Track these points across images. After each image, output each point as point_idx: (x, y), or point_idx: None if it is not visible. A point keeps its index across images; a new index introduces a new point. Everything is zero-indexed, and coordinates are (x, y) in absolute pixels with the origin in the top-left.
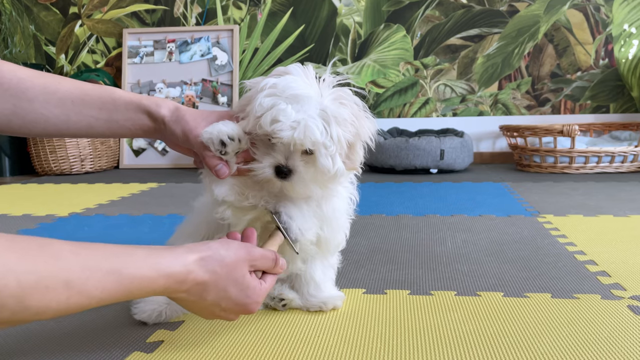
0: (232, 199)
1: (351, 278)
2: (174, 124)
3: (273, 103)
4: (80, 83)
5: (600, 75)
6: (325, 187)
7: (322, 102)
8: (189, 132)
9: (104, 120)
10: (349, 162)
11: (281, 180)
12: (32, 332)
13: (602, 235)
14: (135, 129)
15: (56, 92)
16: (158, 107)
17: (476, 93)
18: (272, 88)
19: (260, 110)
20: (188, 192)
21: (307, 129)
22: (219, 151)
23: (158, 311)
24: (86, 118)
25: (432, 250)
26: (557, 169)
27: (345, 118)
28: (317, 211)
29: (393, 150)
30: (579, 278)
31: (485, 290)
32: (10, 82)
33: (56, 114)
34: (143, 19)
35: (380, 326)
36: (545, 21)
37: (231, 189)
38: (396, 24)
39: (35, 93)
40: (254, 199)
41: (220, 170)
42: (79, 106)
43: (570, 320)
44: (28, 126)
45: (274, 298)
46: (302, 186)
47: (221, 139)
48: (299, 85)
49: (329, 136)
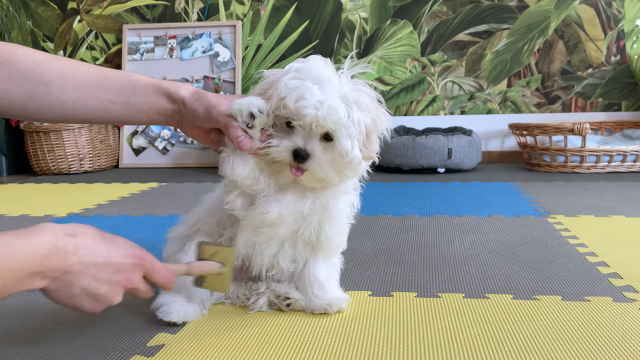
0: (249, 183)
1: (357, 280)
2: (195, 102)
3: (298, 84)
4: (98, 67)
5: (612, 72)
6: (341, 175)
7: (341, 88)
8: (212, 107)
9: (121, 103)
10: (365, 150)
11: (299, 163)
12: (29, 336)
13: (614, 236)
14: (152, 112)
15: (73, 76)
16: (178, 88)
17: (485, 90)
18: (296, 72)
19: (285, 91)
20: (189, 192)
21: (330, 108)
22: (246, 124)
23: (184, 311)
24: (103, 102)
25: (439, 252)
26: (568, 169)
27: (365, 103)
28: (322, 211)
29: (399, 149)
30: (590, 280)
31: (494, 293)
32: (26, 66)
33: (72, 98)
34: (143, 14)
35: (386, 329)
36: (555, 17)
37: (251, 173)
38: (403, 20)
39: (51, 77)
40: (263, 184)
41: (242, 142)
42: (96, 90)
43: (581, 323)
44: (44, 110)
45: (279, 296)
46: (319, 170)
47: (251, 111)
48: (322, 69)
49: (350, 118)
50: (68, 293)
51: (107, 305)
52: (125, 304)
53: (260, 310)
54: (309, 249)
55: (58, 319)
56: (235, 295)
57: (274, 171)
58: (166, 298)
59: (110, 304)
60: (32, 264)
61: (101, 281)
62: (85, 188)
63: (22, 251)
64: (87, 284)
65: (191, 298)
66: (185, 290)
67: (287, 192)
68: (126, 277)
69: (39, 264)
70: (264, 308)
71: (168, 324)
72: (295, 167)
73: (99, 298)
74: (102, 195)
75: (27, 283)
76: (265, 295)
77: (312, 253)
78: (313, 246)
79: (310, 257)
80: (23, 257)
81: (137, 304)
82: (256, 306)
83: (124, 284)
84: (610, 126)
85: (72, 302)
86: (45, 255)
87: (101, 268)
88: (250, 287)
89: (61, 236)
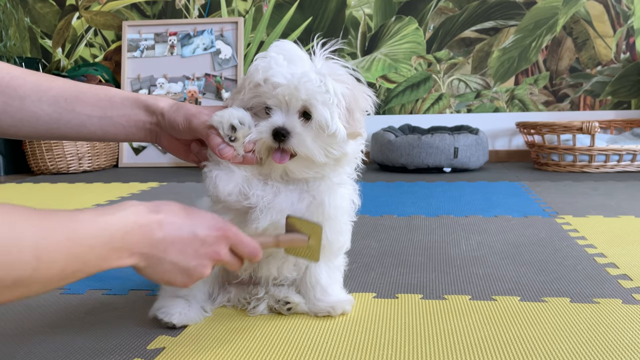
0: (234, 199)
1: (361, 282)
2: (174, 113)
3: (267, 61)
4: (75, 82)
5: (622, 69)
6: (328, 153)
7: (313, 64)
8: (193, 116)
9: (97, 117)
10: (349, 126)
11: (280, 143)
12: (27, 337)
13: (624, 237)
14: (129, 126)
15: (49, 90)
16: (156, 100)
17: (491, 88)
18: (265, 53)
19: (255, 72)
20: (190, 191)
21: (302, 76)
22: (229, 137)
23: (185, 314)
24: (79, 116)
25: (445, 253)
26: (576, 168)
27: (340, 74)
28: (319, 211)
29: (405, 148)
30: (599, 282)
31: (501, 295)
32: (2, 79)
33: (48, 112)
34: (143, 10)
35: (391, 332)
36: (563, 13)
37: (235, 188)
38: (408, 16)
39: (27, 90)
40: (255, 198)
41: (223, 150)
42: (72, 104)
43: (590, 325)
44: (18, 125)
45: (279, 301)
46: (302, 148)
47: (232, 123)
48: (292, 47)
49: (325, 87)
50: (160, 269)
51: (197, 279)
52: (125, 306)
53: (261, 314)
54: None
55: (57, 321)
56: (237, 298)
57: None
58: (167, 300)
59: (201, 277)
60: (114, 240)
61: (189, 255)
62: (85, 188)
63: (104, 228)
64: (175, 258)
65: (192, 302)
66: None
67: (280, 197)
68: (213, 249)
69: (121, 240)
70: (265, 313)
71: (168, 326)
72: (279, 152)
73: (189, 272)
74: (101, 195)
75: (114, 260)
76: (264, 301)
77: None
78: None
79: None
80: (105, 234)
81: (137, 306)
82: (256, 312)
83: (211, 257)
84: (620, 125)
85: (165, 277)
86: (126, 232)
87: (187, 243)
88: (250, 292)
89: (144, 213)
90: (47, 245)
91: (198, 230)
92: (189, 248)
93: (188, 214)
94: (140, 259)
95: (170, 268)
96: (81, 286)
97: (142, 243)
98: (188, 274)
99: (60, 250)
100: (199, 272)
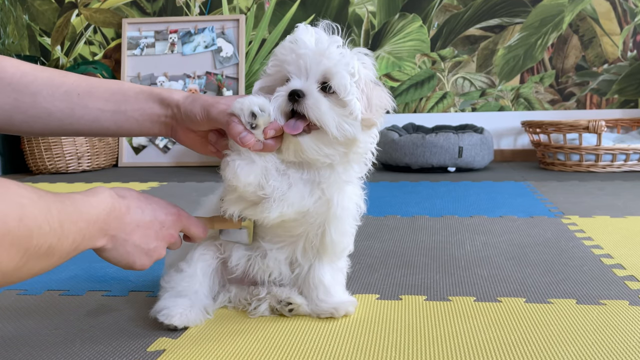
0: (252, 190)
1: (364, 283)
2: (190, 104)
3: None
4: (88, 77)
5: (628, 67)
6: (341, 129)
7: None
8: (210, 106)
9: (111, 111)
10: (366, 113)
11: (294, 104)
12: (26, 340)
13: (630, 237)
14: (143, 120)
15: (61, 85)
16: (171, 92)
17: (497, 87)
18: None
19: (280, 50)
20: (191, 191)
21: (329, 47)
22: (250, 124)
23: (186, 315)
24: (92, 111)
25: (449, 254)
26: (583, 167)
27: (366, 61)
28: (326, 209)
29: (408, 147)
30: (606, 283)
31: (506, 296)
32: (12, 76)
33: (60, 107)
34: (143, 8)
35: (395, 334)
36: (569, 11)
37: (255, 179)
38: (412, 14)
39: (38, 86)
40: (270, 188)
41: (245, 138)
42: (85, 99)
43: (597, 327)
44: (29, 122)
45: (280, 302)
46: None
47: (252, 110)
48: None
49: (347, 62)
50: (122, 250)
51: (156, 259)
52: (125, 307)
53: (262, 315)
54: (313, 253)
55: (56, 323)
56: (238, 299)
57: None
58: (168, 302)
59: (158, 258)
60: (99, 220)
61: (150, 237)
62: (84, 188)
63: (94, 207)
64: (138, 240)
65: (194, 301)
66: (188, 295)
67: (293, 190)
68: (169, 232)
69: (103, 221)
70: (266, 314)
71: (169, 328)
72: (292, 120)
73: (149, 253)
74: None
75: (95, 239)
76: (266, 301)
77: (317, 257)
78: (318, 250)
79: (315, 260)
80: (94, 212)
81: (137, 308)
82: (257, 312)
83: (168, 239)
84: (627, 124)
85: (126, 259)
86: (108, 214)
87: (150, 226)
88: (251, 292)
89: (116, 197)
90: (65, 217)
91: (158, 214)
92: (150, 231)
93: (147, 199)
94: (109, 240)
95: (133, 250)
96: (81, 287)
97: (115, 225)
98: (148, 254)
99: (74, 222)
100: (157, 253)
